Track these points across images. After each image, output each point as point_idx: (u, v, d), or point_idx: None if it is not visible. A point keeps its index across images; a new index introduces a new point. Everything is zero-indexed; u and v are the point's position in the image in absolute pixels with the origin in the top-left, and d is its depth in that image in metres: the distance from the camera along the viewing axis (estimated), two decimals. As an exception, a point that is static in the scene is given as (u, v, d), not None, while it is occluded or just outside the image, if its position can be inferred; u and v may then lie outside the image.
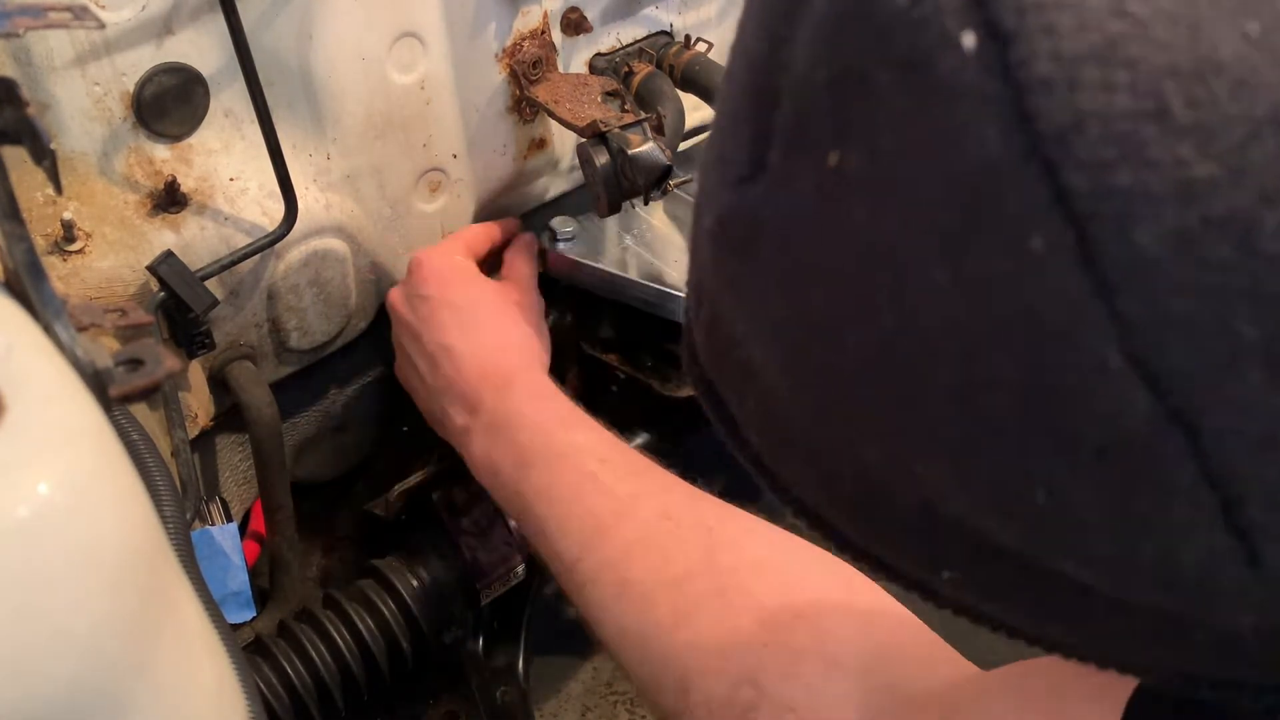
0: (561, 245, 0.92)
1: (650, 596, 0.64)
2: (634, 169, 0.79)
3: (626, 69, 0.91)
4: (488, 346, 0.80)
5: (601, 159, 0.81)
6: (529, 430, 0.75)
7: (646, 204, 0.97)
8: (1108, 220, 0.24)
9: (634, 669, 0.65)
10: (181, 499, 0.57)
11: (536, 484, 0.72)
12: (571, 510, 0.70)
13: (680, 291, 0.92)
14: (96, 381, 0.41)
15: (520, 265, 0.89)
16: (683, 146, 0.93)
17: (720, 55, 0.98)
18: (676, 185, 0.90)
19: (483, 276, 0.86)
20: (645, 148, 0.80)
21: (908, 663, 0.57)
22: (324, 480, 1.02)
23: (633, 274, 0.93)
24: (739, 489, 0.84)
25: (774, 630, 0.59)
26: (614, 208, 0.84)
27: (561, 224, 0.93)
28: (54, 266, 0.70)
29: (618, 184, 0.81)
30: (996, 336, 0.26)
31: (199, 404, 0.80)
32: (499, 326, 0.82)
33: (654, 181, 0.81)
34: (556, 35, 0.89)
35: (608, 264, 0.93)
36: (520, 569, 0.91)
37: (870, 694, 0.55)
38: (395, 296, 0.85)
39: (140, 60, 0.71)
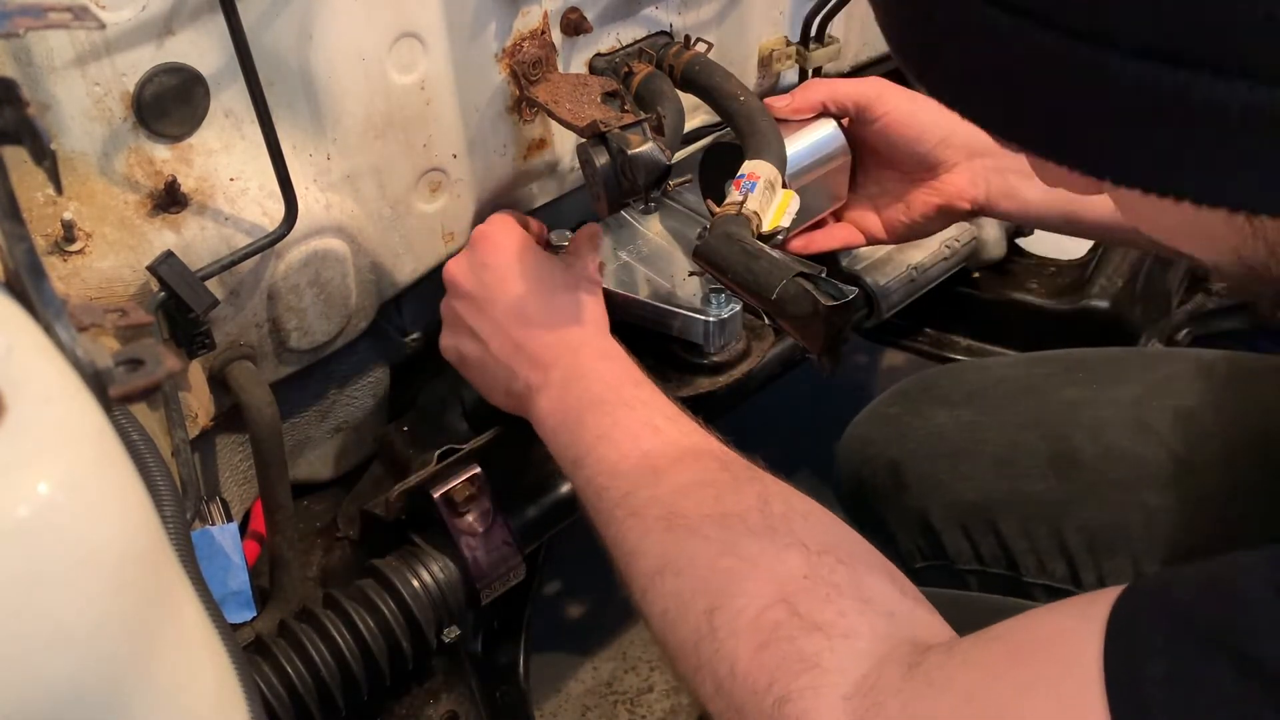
0: None
1: (698, 528, 0.66)
2: (634, 169, 0.80)
3: (626, 69, 0.92)
4: (559, 311, 0.82)
5: (601, 159, 0.81)
6: (601, 383, 0.78)
7: (647, 204, 0.97)
8: None
9: (661, 600, 0.65)
10: (181, 499, 0.57)
11: (599, 427, 0.75)
12: (631, 450, 0.72)
13: (678, 308, 0.92)
14: (97, 381, 0.41)
15: (586, 247, 0.90)
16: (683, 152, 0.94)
17: (720, 55, 0.98)
18: (676, 185, 0.90)
19: (540, 250, 0.87)
20: (645, 148, 0.80)
21: (932, 626, 0.59)
22: (324, 480, 1.02)
23: (630, 290, 0.93)
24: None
25: (815, 567, 0.61)
26: (614, 208, 0.84)
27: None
28: (54, 266, 0.70)
29: (618, 184, 0.81)
30: None
31: (199, 404, 0.80)
32: (569, 294, 0.83)
33: (654, 181, 0.81)
34: (556, 35, 0.89)
35: (605, 280, 0.93)
36: (520, 569, 0.91)
37: (894, 633, 0.57)
38: (456, 268, 0.85)
39: (140, 60, 0.71)
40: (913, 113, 0.91)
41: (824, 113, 0.96)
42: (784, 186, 0.81)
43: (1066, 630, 0.49)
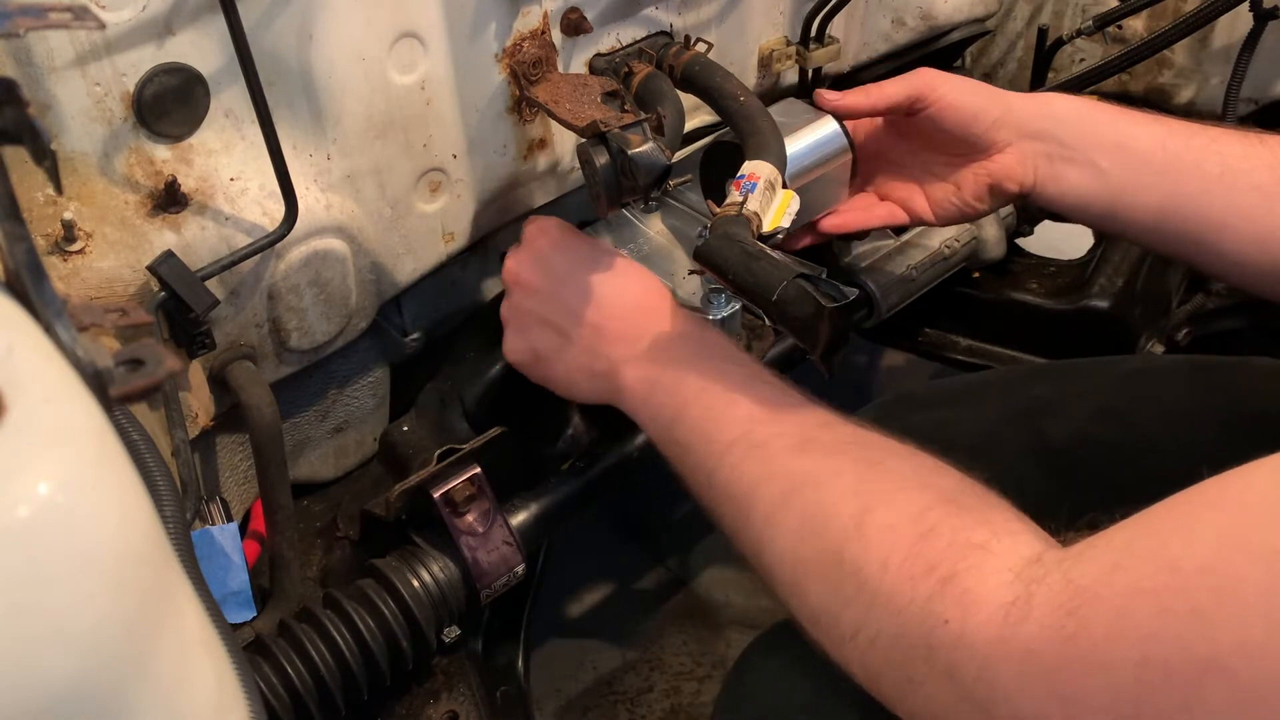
0: None
1: (840, 449, 0.67)
2: (634, 169, 0.79)
3: (626, 69, 0.91)
4: (634, 289, 0.83)
5: (601, 159, 0.81)
6: (696, 343, 0.78)
7: (646, 204, 0.97)
8: None
9: (795, 516, 0.65)
10: (181, 499, 0.57)
11: (705, 380, 0.75)
12: (743, 398, 0.73)
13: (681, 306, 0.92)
14: (97, 381, 0.41)
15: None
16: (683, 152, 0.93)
17: (720, 55, 0.98)
18: (677, 184, 0.90)
19: (592, 238, 0.88)
20: (645, 148, 0.80)
21: None
22: (324, 480, 1.02)
23: None
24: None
25: (970, 485, 0.63)
26: (613, 207, 0.84)
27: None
28: (54, 266, 0.70)
29: (617, 184, 0.81)
30: None
31: (199, 404, 0.80)
32: (636, 273, 0.84)
33: (654, 181, 0.81)
34: (556, 35, 0.89)
35: None
36: (520, 569, 0.91)
37: (1050, 541, 0.58)
38: (517, 266, 0.85)
39: (141, 60, 0.71)
40: (965, 96, 0.91)
41: (885, 111, 0.95)
42: (784, 186, 0.81)
43: (1236, 481, 0.50)
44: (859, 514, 0.62)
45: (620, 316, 0.81)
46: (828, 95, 0.93)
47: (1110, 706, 0.49)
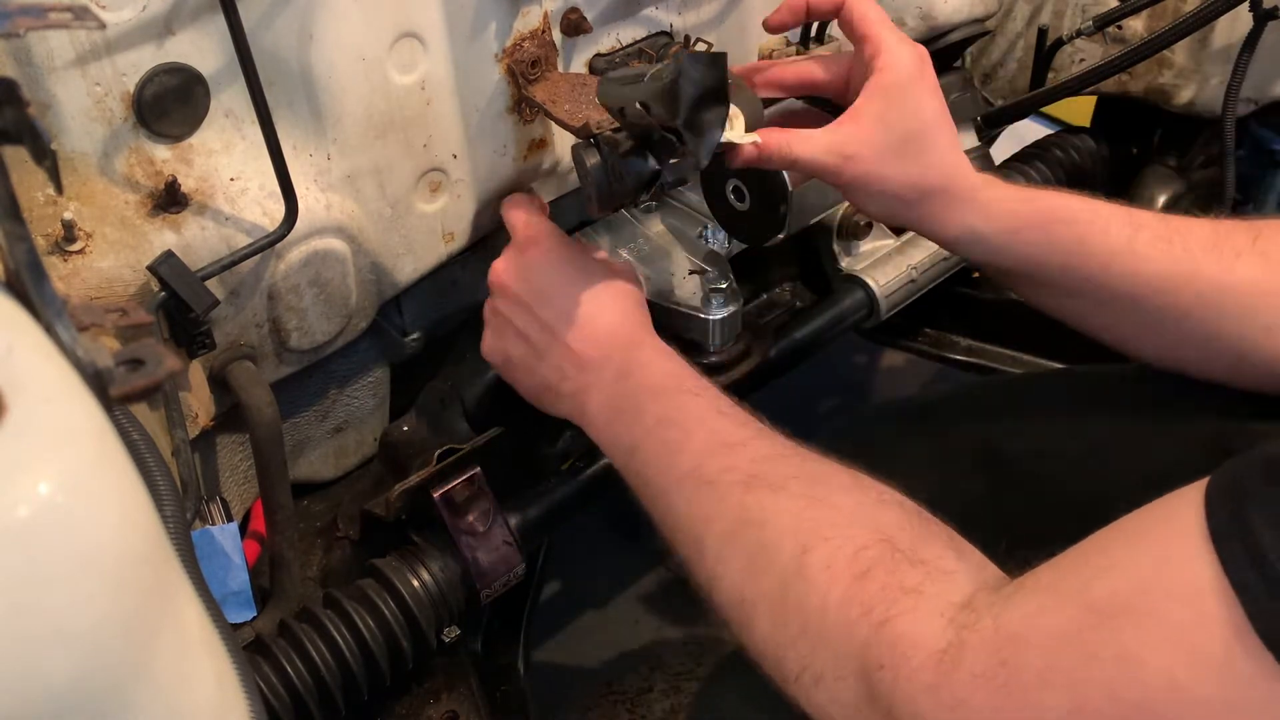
0: None
1: (784, 485, 0.67)
2: (623, 172, 0.79)
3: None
4: (610, 311, 0.82)
5: (593, 160, 0.81)
6: (661, 373, 0.78)
7: (637, 207, 0.97)
8: None
9: (741, 553, 0.66)
10: (182, 499, 0.57)
11: (661, 411, 0.75)
12: (698, 429, 0.73)
13: (679, 306, 0.92)
14: (97, 381, 0.41)
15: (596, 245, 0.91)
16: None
17: (720, 55, 0.98)
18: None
19: (581, 248, 0.87)
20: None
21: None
22: (324, 480, 1.02)
23: None
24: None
25: (911, 517, 0.63)
26: (605, 210, 0.84)
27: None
28: (55, 266, 0.70)
29: (609, 186, 0.81)
30: None
31: (199, 404, 0.80)
32: (618, 293, 0.84)
33: (642, 185, 0.81)
34: (556, 35, 0.89)
35: None
36: (520, 569, 0.91)
37: (990, 577, 0.59)
38: (503, 270, 0.85)
39: (141, 60, 0.71)
40: (883, 174, 0.81)
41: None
42: (746, 132, 0.78)
43: (1158, 514, 0.50)
44: (799, 553, 0.62)
45: (593, 341, 0.81)
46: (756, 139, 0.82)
47: None
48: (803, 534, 0.63)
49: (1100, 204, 0.81)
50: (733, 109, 0.76)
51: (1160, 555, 0.48)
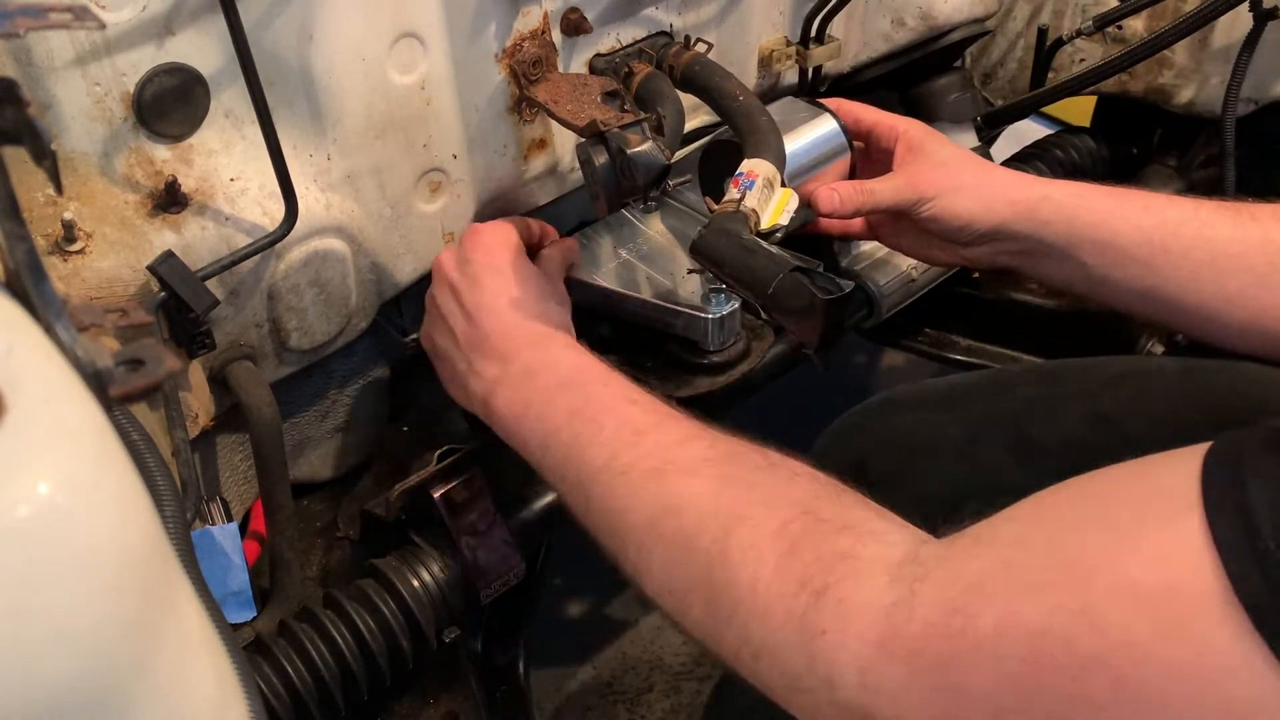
0: None
1: (696, 469, 0.66)
2: (633, 168, 0.80)
3: (626, 69, 0.92)
4: (526, 310, 0.82)
5: (600, 158, 0.81)
6: (568, 367, 0.78)
7: (646, 203, 0.97)
8: None
9: (661, 545, 0.65)
10: (181, 499, 0.57)
11: (571, 405, 0.75)
12: (609, 421, 0.72)
13: (679, 306, 0.92)
14: (97, 381, 0.41)
15: (554, 261, 0.90)
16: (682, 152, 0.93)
17: (720, 55, 0.98)
18: (676, 184, 0.89)
19: (527, 258, 0.88)
20: (644, 147, 0.80)
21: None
22: (324, 480, 1.02)
23: (631, 289, 0.93)
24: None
25: (828, 488, 0.63)
26: (613, 207, 0.84)
27: None
28: (54, 267, 0.70)
29: (617, 184, 0.81)
30: None
31: (199, 404, 0.80)
32: (537, 297, 0.84)
33: (653, 181, 0.81)
34: (556, 35, 0.89)
35: (605, 279, 0.93)
36: (520, 569, 0.91)
37: (918, 534, 0.59)
38: (445, 258, 0.86)
39: (141, 60, 0.71)
40: (959, 206, 0.92)
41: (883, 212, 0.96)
42: (783, 185, 0.81)
43: (1147, 469, 0.50)
44: (720, 537, 0.62)
45: (506, 336, 0.81)
46: (832, 189, 0.94)
47: (995, 698, 0.50)
48: (721, 516, 0.63)
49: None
50: (781, 193, 0.79)
51: (1134, 516, 0.48)
